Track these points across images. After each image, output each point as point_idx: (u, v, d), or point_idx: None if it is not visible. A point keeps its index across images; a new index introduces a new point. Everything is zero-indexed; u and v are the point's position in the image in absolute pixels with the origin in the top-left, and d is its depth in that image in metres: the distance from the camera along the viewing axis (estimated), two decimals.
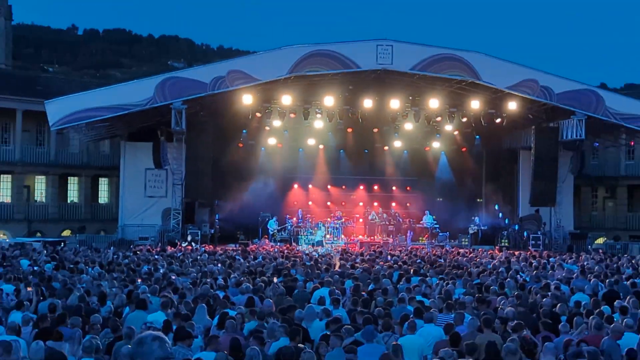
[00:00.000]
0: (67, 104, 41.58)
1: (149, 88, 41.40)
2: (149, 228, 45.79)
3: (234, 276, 22.81)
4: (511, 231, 48.87)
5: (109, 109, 41.05)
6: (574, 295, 18.87)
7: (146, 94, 41.05)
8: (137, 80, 47.12)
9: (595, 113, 43.38)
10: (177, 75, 43.56)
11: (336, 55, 41.81)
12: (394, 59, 42.14)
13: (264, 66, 42.38)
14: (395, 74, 43.50)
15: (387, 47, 42.21)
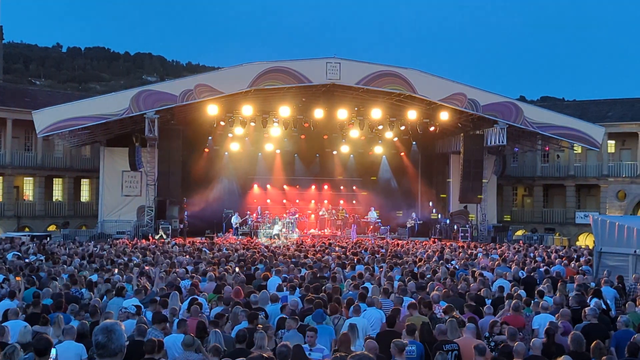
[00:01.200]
0: (53, 114, 41.05)
1: (125, 100, 41.05)
2: (126, 223, 45.76)
3: (201, 266, 22.68)
4: (443, 225, 49.16)
5: (89, 118, 40.59)
6: (497, 281, 18.98)
7: (123, 105, 40.70)
8: (114, 93, 46.65)
9: (515, 122, 43.79)
10: (151, 88, 43.20)
11: (291, 71, 41.76)
12: (342, 74, 42.22)
13: (228, 80, 42.20)
14: (343, 87, 43.55)
15: (335, 64, 42.29)
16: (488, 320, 13.00)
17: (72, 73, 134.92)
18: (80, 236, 45.14)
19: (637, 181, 54.30)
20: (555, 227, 56.94)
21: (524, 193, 62.63)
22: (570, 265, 24.85)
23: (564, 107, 63.10)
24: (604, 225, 23.73)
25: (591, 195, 58.64)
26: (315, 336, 11.25)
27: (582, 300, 15.20)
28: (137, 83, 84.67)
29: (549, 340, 11.43)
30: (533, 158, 59.10)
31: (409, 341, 11.15)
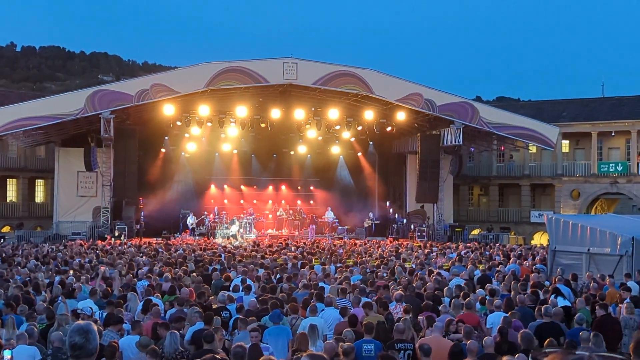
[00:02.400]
0: (6, 114, 40.47)
1: (80, 99, 40.59)
2: (81, 224, 45.41)
3: (157, 267, 22.53)
4: (400, 224, 49.40)
5: (44, 118, 40.09)
6: (453, 280, 19.13)
7: (78, 105, 40.24)
8: (69, 93, 46.16)
9: (471, 122, 44.15)
10: (106, 88, 42.81)
11: (247, 71, 41.65)
12: (299, 74, 42.20)
13: (184, 80, 41.97)
14: (300, 87, 43.54)
15: (292, 64, 42.27)
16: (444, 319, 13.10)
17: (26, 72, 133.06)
18: (35, 237, 44.67)
19: (591, 180, 55.07)
20: (510, 226, 57.51)
21: (479, 192, 63.17)
22: (524, 263, 25.13)
23: (519, 107, 63.75)
24: (558, 224, 24.09)
25: (546, 195, 59.34)
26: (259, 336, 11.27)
27: (536, 299, 15.39)
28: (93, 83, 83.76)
29: (501, 338, 11.57)
30: (489, 158, 59.63)
31: (366, 340, 11.21)
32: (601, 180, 54.79)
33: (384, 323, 12.41)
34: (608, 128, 54.87)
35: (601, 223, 23.84)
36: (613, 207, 58.75)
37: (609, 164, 55.15)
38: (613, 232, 21.25)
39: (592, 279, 18.74)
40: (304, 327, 12.12)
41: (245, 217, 47.64)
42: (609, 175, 54.47)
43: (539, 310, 13.42)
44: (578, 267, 21.69)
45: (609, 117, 55.08)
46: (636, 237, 20.31)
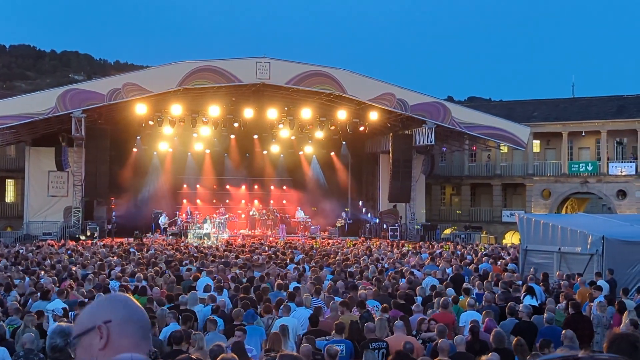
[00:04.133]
0: None
1: (51, 99, 40.33)
2: (52, 224, 44.97)
3: (130, 267, 22.37)
4: (373, 224, 49.49)
5: (14, 117, 39.78)
6: (425, 279, 19.19)
7: (49, 104, 39.96)
8: (40, 92, 45.97)
9: (443, 122, 44.35)
10: (77, 87, 42.59)
11: (220, 71, 41.57)
12: (272, 74, 42.20)
13: (156, 79, 41.84)
14: (273, 87, 43.54)
15: (265, 63, 42.25)
16: (417, 318, 13.15)
17: None
18: (5, 237, 44.18)
19: (562, 180, 55.52)
20: (482, 225, 57.79)
21: (452, 192, 63.43)
22: (497, 263, 25.27)
23: (491, 107, 64.16)
24: (529, 223, 24.26)
25: (517, 194, 59.72)
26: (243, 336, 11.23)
27: (508, 298, 15.48)
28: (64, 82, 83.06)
29: (473, 337, 11.63)
30: (461, 158, 59.91)
31: (338, 340, 11.22)
32: (572, 180, 55.26)
33: (357, 323, 12.42)
34: (578, 128, 55.33)
35: (572, 222, 24.06)
36: (583, 206, 59.28)
37: (580, 164, 55.64)
38: (583, 231, 21.42)
39: (563, 277, 18.89)
40: (277, 327, 12.11)
41: (218, 217, 47.49)
42: (580, 175, 54.94)
43: (510, 309, 13.49)
44: (549, 266, 21.85)
45: (579, 118, 55.55)
46: (606, 236, 20.49)
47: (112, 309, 2.83)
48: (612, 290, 17.40)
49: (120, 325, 2.79)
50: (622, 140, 55.98)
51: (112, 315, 2.80)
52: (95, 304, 2.94)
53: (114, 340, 2.76)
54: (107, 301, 2.92)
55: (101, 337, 2.75)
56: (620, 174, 53.17)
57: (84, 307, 2.97)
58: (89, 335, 2.78)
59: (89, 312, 2.86)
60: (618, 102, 56.86)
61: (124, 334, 2.80)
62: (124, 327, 2.80)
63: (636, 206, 51.46)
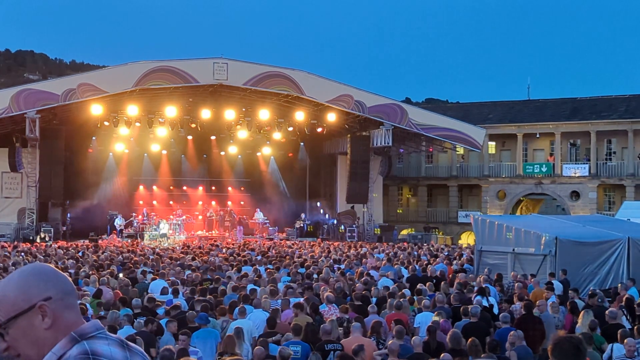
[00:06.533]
0: None
1: (5, 98, 39.68)
2: (5, 226, 44.28)
3: (84, 270, 22.08)
4: (330, 225, 49.56)
5: None
6: (380, 280, 19.24)
7: (2, 104, 39.33)
8: None
9: (400, 124, 44.56)
10: (31, 87, 42.02)
11: (177, 71, 41.31)
12: (229, 75, 42.06)
13: (112, 80, 41.44)
14: (230, 88, 43.41)
15: (222, 64, 42.10)
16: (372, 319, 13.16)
17: None
18: None
19: (516, 181, 56.09)
20: (439, 226, 58.17)
21: (409, 193, 63.76)
22: (452, 264, 25.44)
23: (447, 109, 64.73)
24: (484, 224, 24.49)
25: (473, 195, 60.22)
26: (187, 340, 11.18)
27: (463, 298, 15.58)
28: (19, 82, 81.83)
29: (430, 337, 11.68)
30: (418, 159, 60.25)
31: (294, 342, 11.20)
32: (526, 181, 55.87)
33: (313, 324, 12.41)
34: (533, 130, 55.97)
35: (526, 223, 24.34)
36: (538, 207, 60.03)
37: (534, 165, 56.27)
38: (537, 232, 21.68)
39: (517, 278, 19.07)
40: (232, 329, 12.05)
41: (174, 218, 47.23)
42: (534, 176, 55.56)
43: (464, 310, 13.58)
44: (503, 266, 22.06)
45: (534, 120, 56.21)
46: (559, 237, 20.76)
47: (46, 283, 2.65)
48: (565, 290, 17.62)
49: (61, 300, 2.64)
50: (576, 142, 56.72)
51: (49, 290, 2.63)
52: (22, 279, 2.67)
53: (59, 316, 2.62)
54: (36, 275, 2.68)
55: (45, 316, 2.60)
56: (574, 175, 53.88)
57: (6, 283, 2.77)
58: (26, 317, 2.60)
59: (17, 288, 2.63)
60: (572, 105, 57.62)
61: (67, 308, 2.66)
62: (65, 301, 2.66)
63: (589, 207, 52.19)
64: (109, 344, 2.63)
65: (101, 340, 2.64)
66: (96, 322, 2.73)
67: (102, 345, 2.62)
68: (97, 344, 2.61)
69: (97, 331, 2.67)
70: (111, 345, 2.64)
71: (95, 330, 2.67)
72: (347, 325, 12.77)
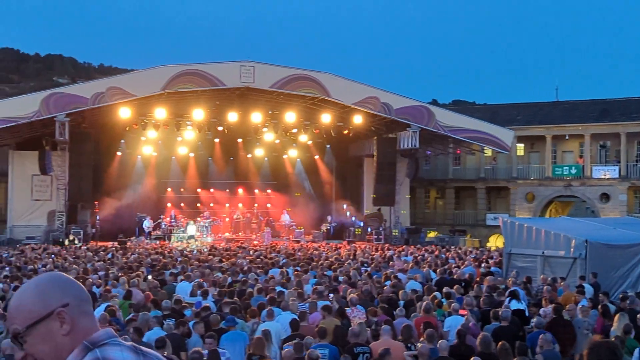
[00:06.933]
0: None
1: (35, 102, 40.14)
2: (36, 228, 44.76)
3: (113, 271, 22.21)
4: (357, 227, 49.46)
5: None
6: (408, 283, 19.15)
7: (32, 108, 39.78)
8: (24, 95, 45.67)
9: (427, 126, 44.42)
10: (61, 90, 42.38)
11: (204, 74, 41.51)
12: (256, 78, 42.17)
13: (141, 83, 41.75)
14: (257, 91, 43.48)
15: (249, 67, 42.22)
16: (400, 323, 13.10)
17: None
18: None
19: (545, 183, 55.71)
20: (466, 229, 57.91)
21: (436, 195, 63.55)
22: (480, 266, 25.28)
23: (475, 110, 64.41)
24: (513, 227, 24.30)
25: (501, 198, 59.88)
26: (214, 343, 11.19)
27: (492, 302, 15.46)
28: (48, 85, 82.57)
29: (459, 341, 11.60)
30: (445, 161, 60.03)
31: (320, 344, 11.17)
32: (555, 183, 55.46)
33: (341, 327, 12.38)
34: (562, 132, 55.56)
35: (555, 226, 24.11)
36: (567, 209, 59.51)
37: (563, 167, 55.85)
38: (567, 234, 21.47)
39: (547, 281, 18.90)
40: (260, 332, 12.05)
41: (202, 220, 47.40)
42: (563, 179, 55.14)
43: (494, 313, 13.47)
44: (533, 269, 21.89)
45: (563, 121, 55.80)
46: (589, 239, 20.55)
47: (63, 290, 2.73)
48: (595, 294, 17.43)
49: (78, 306, 2.72)
50: (606, 144, 56.25)
51: (66, 297, 2.71)
52: (39, 287, 2.75)
53: (76, 323, 2.69)
54: (53, 283, 2.76)
55: (63, 322, 2.67)
56: (604, 177, 53.40)
57: (17, 292, 2.86)
58: (44, 323, 2.66)
59: (36, 296, 2.71)
60: (602, 106, 57.11)
61: (83, 314, 2.74)
62: (81, 308, 2.74)
63: (619, 209, 51.68)
64: (121, 350, 2.68)
65: (114, 347, 2.69)
66: (109, 329, 2.78)
67: (115, 352, 2.66)
68: (110, 351, 2.66)
69: (109, 338, 2.72)
70: (124, 352, 2.68)
71: (108, 338, 2.71)
72: (376, 329, 12.71)
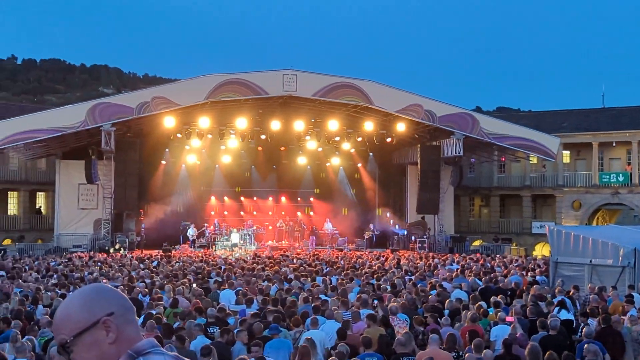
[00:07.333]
0: (7, 127, 40.62)
1: (81, 112, 40.73)
2: (82, 237, 45.34)
3: (158, 279, 22.40)
4: (400, 235, 49.28)
5: (45, 131, 40.20)
6: (454, 292, 19.00)
7: (79, 118, 40.36)
8: (70, 106, 46.32)
9: (472, 133, 44.10)
10: (107, 100, 42.96)
11: (247, 83, 41.72)
12: (298, 86, 42.23)
13: (184, 92, 42.09)
14: (299, 99, 43.56)
15: (292, 76, 42.29)
16: (446, 332, 13.00)
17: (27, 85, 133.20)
18: (36, 250, 44.57)
19: (592, 191, 54.99)
20: (512, 237, 57.33)
21: (480, 203, 63.07)
22: (526, 275, 25.01)
23: (520, 117, 63.80)
24: (560, 235, 24.01)
25: (547, 205, 59.23)
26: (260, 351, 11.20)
27: (539, 311, 15.28)
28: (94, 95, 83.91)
29: (506, 351, 11.48)
30: (489, 168, 59.57)
31: (367, 354, 11.13)
32: (602, 190, 54.73)
33: (386, 336, 12.32)
34: (609, 138, 54.85)
35: (603, 234, 23.78)
36: (614, 217, 58.63)
37: (610, 175, 55.11)
38: (615, 243, 21.17)
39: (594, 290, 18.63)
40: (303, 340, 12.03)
41: (245, 228, 47.59)
42: (610, 186, 54.40)
43: (542, 323, 13.30)
44: (580, 278, 21.62)
45: (610, 128, 55.07)
46: (638, 248, 20.24)
47: (108, 300, 2.81)
48: None
49: (123, 315, 2.79)
50: None
51: (111, 306, 2.78)
52: (84, 297, 2.82)
53: (121, 331, 2.75)
54: (97, 293, 2.84)
55: (109, 331, 2.73)
56: None
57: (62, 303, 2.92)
58: (90, 332, 2.73)
59: (81, 306, 2.78)
60: None
61: (128, 323, 2.80)
62: (126, 316, 2.81)
63: None
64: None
65: (157, 356, 2.75)
66: (152, 339, 2.84)
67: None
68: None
69: (152, 347, 2.77)
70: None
71: (151, 347, 2.77)
72: (423, 338, 12.63)
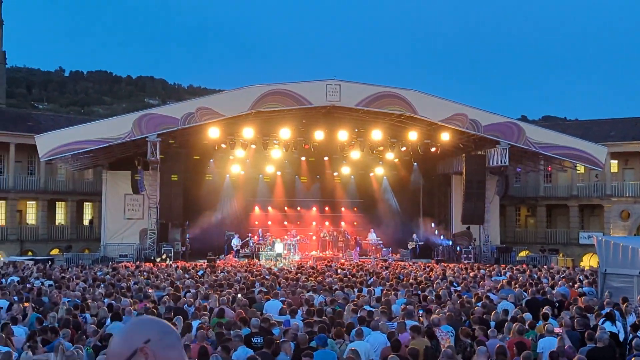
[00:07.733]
0: (55, 138, 41.27)
1: (127, 123, 41.21)
2: (128, 246, 45.73)
3: (203, 289, 22.52)
4: (445, 246, 48.96)
5: (92, 142, 40.73)
6: (500, 303, 18.82)
7: (125, 129, 40.83)
8: (117, 117, 46.97)
9: (517, 142, 43.70)
10: (152, 111, 43.42)
11: (291, 93, 41.86)
12: (342, 96, 42.25)
13: (229, 103, 42.36)
14: (343, 109, 43.59)
15: (335, 86, 42.31)
16: (494, 344, 12.87)
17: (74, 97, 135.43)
18: (83, 259, 45.10)
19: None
20: (559, 247, 56.62)
21: (527, 213, 62.45)
22: (574, 287, 24.69)
23: (566, 126, 63.11)
24: (608, 246, 23.67)
25: (595, 216, 58.46)
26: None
27: (587, 323, 15.07)
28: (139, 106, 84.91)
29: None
30: (536, 178, 58.98)
31: None
32: None
33: (432, 348, 12.25)
34: None
35: None
36: None
37: None
38: None
39: None
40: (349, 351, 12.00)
41: (289, 238, 47.68)
42: None
43: (590, 335, 13.12)
44: (629, 290, 21.25)
45: None
46: None
47: (145, 328, 2.89)
48: None
49: (160, 340, 2.85)
50: None
51: (147, 334, 2.85)
52: (124, 331, 2.94)
53: (160, 355, 2.82)
54: (135, 325, 2.97)
55: (147, 357, 2.80)
56: None
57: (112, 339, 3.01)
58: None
59: (121, 339, 2.88)
60: None
61: (167, 347, 2.86)
62: (164, 341, 2.87)
63: None
64: None
65: None
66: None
67: None
68: None
69: None
70: None
71: None
72: (470, 350, 12.53)
